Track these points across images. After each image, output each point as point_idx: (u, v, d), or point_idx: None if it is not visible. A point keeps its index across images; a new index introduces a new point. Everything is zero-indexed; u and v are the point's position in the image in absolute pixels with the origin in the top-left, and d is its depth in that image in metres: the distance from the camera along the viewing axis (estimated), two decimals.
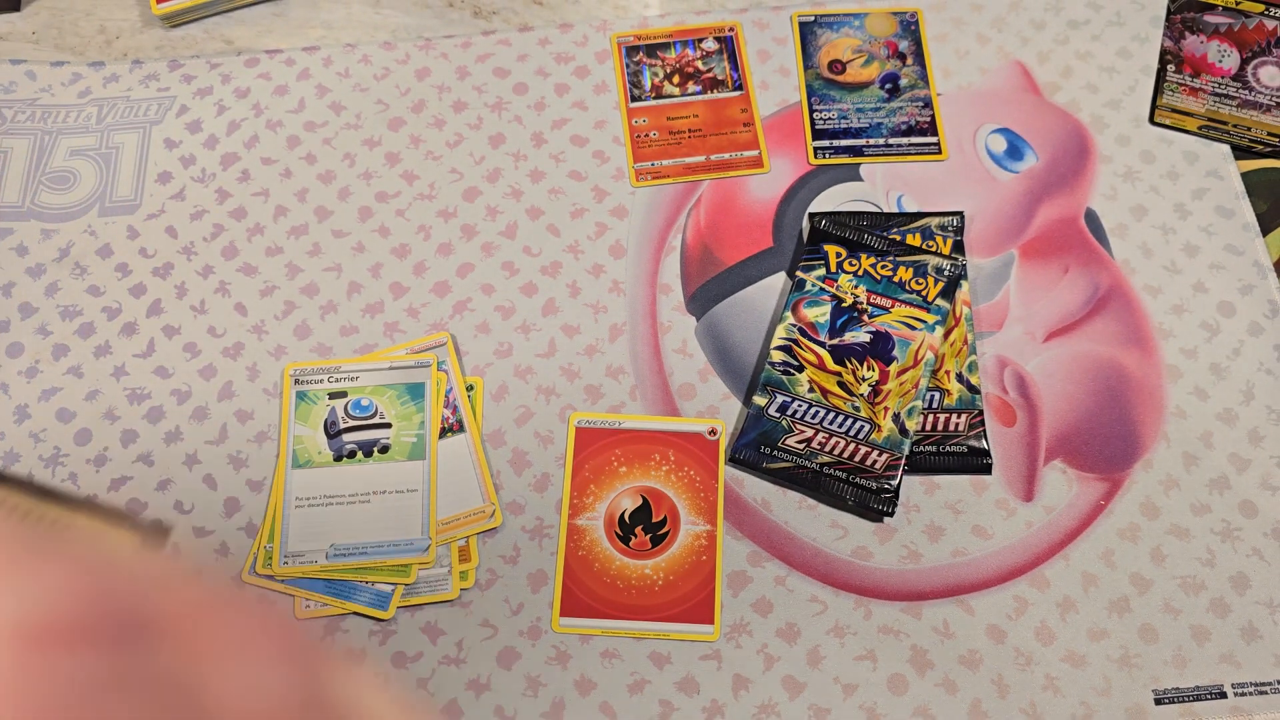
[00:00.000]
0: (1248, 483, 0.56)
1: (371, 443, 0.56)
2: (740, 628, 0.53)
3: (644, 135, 0.65)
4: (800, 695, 0.52)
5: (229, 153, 0.65)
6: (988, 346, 0.59)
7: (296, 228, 0.63)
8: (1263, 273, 0.61)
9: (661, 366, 0.59)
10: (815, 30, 0.68)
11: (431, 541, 0.54)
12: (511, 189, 0.64)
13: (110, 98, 0.67)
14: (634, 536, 0.55)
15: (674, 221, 0.63)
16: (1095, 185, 0.63)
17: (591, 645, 0.53)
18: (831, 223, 0.60)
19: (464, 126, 0.66)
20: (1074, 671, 0.52)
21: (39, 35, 0.69)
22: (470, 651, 0.53)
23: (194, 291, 0.61)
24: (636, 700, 0.52)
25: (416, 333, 0.60)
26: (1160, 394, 0.58)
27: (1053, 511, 0.55)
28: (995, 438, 0.57)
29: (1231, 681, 0.52)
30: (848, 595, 0.54)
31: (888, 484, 0.54)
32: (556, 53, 0.68)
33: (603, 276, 0.61)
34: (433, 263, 0.62)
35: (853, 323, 0.57)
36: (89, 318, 0.61)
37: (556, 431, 0.57)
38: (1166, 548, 0.54)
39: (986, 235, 0.62)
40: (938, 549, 0.55)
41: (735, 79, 0.67)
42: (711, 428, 0.57)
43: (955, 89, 0.66)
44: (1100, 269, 0.61)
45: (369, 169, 0.64)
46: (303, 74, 0.67)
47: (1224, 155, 0.64)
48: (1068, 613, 0.53)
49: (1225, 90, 0.65)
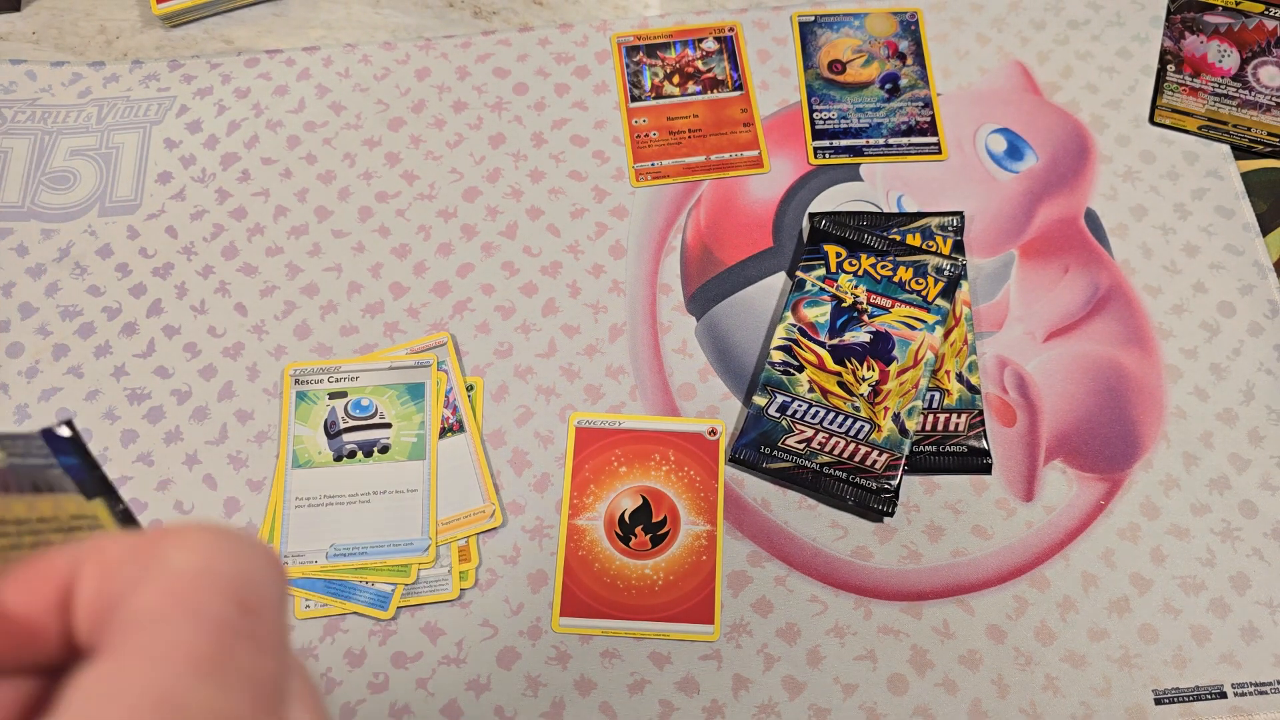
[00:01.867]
0: (1248, 483, 0.56)
1: (371, 443, 0.56)
2: (740, 628, 0.53)
3: (644, 135, 0.65)
4: (800, 695, 0.52)
5: (229, 153, 0.65)
6: (988, 346, 0.59)
7: (297, 228, 0.63)
8: (1263, 273, 0.61)
9: (661, 366, 0.59)
10: (815, 30, 0.68)
11: (432, 541, 0.54)
12: (511, 189, 0.64)
13: (110, 98, 0.67)
14: (634, 536, 0.55)
15: (674, 221, 0.63)
16: (1095, 185, 0.63)
17: (591, 645, 0.53)
18: (831, 223, 0.60)
19: (464, 126, 0.66)
20: (1074, 671, 0.52)
21: (39, 35, 0.69)
22: (470, 651, 0.53)
23: (194, 291, 0.61)
24: (636, 700, 0.52)
25: (416, 333, 0.60)
26: (1160, 394, 0.58)
27: (1053, 511, 0.55)
28: (995, 438, 0.57)
29: (1231, 681, 0.52)
30: (848, 595, 0.54)
31: (888, 484, 0.54)
32: (556, 53, 0.68)
33: (603, 276, 0.61)
34: (433, 263, 0.62)
35: (853, 323, 0.57)
36: (89, 318, 0.61)
37: (556, 431, 0.58)
38: (1166, 548, 0.54)
39: (986, 235, 0.62)
40: (938, 549, 0.55)
41: (735, 79, 0.67)
42: (711, 428, 0.57)
43: (955, 89, 0.66)
44: (1100, 269, 0.61)
45: (369, 169, 0.64)
46: (303, 74, 0.67)
47: (1224, 155, 0.64)
48: (1068, 613, 0.53)
49: (1225, 90, 0.65)
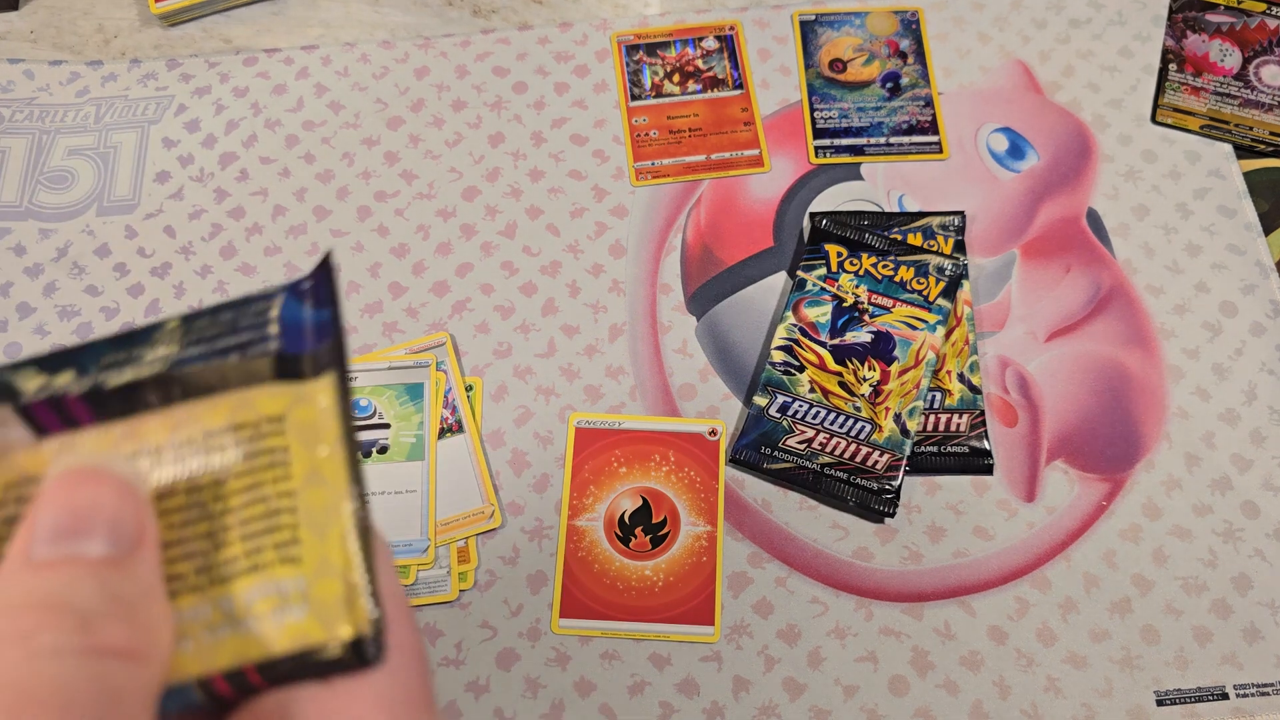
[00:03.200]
0: (1250, 483, 0.56)
1: (370, 443, 0.56)
2: (741, 629, 0.53)
3: (644, 134, 0.65)
4: (801, 697, 0.51)
5: (227, 152, 0.65)
6: (989, 346, 0.59)
7: (295, 227, 0.63)
8: (1265, 272, 0.61)
9: (661, 366, 0.59)
10: (816, 29, 0.68)
11: (430, 542, 0.54)
12: (511, 188, 0.64)
13: (108, 97, 0.66)
14: (634, 537, 0.55)
15: (674, 221, 0.63)
16: (1097, 184, 0.63)
17: (591, 647, 0.53)
18: (832, 222, 0.60)
19: (463, 125, 0.65)
20: (1075, 672, 0.52)
21: (37, 34, 0.69)
22: (469, 653, 0.53)
23: (192, 291, 0.61)
24: (636, 702, 0.51)
25: (415, 333, 0.60)
26: (1162, 394, 0.58)
27: (1054, 512, 0.55)
28: (997, 438, 0.57)
29: (1233, 683, 0.51)
30: (849, 596, 0.54)
31: (889, 484, 0.54)
32: (556, 51, 0.68)
33: (603, 276, 0.61)
34: (432, 262, 0.62)
35: (854, 323, 0.57)
36: (87, 318, 0.60)
37: (556, 432, 0.57)
38: (1168, 548, 0.54)
39: (988, 235, 0.62)
40: (939, 550, 0.54)
41: (736, 78, 0.66)
42: (712, 428, 0.57)
43: (956, 88, 0.66)
44: (1102, 269, 0.61)
45: (368, 168, 0.64)
46: (301, 73, 0.67)
47: (1226, 154, 0.64)
48: (1069, 613, 0.53)
49: (1227, 89, 0.65)
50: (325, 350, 0.21)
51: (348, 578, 0.20)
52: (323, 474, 0.20)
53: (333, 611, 0.19)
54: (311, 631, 0.19)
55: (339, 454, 0.20)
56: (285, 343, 0.20)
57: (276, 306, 0.21)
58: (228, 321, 0.21)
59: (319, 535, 0.20)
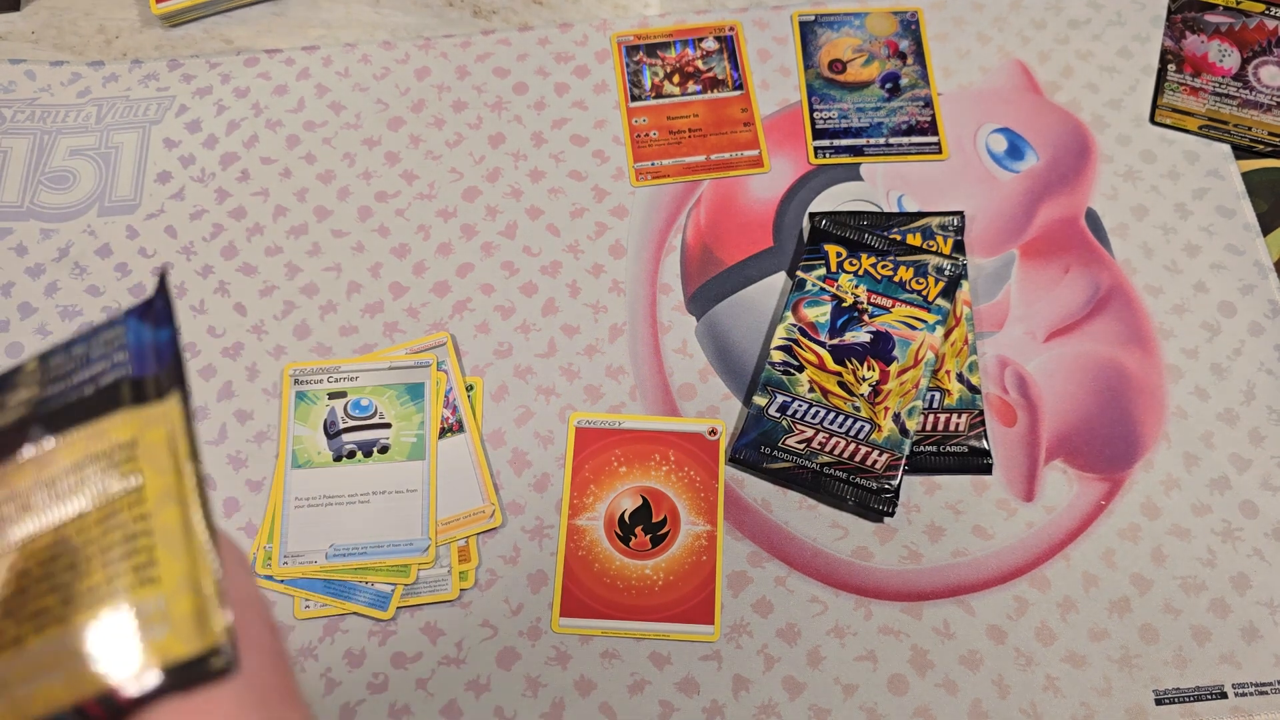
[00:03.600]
0: (1248, 483, 0.56)
1: (371, 443, 0.56)
2: (740, 628, 0.53)
3: (644, 135, 0.65)
4: (800, 696, 0.52)
5: (228, 152, 0.65)
6: (988, 346, 0.59)
7: (296, 227, 0.63)
8: (1263, 272, 0.61)
9: (661, 366, 0.59)
10: (815, 29, 0.68)
11: (431, 541, 0.54)
12: (511, 189, 0.64)
13: (110, 97, 0.66)
14: (634, 537, 0.55)
15: (674, 221, 0.63)
16: (1096, 185, 0.63)
17: (591, 646, 0.53)
18: (832, 222, 0.60)
19: (464, 126, 0.66)
20: (1074, 672, 0.52)
21: (38, 35, 0.69)
22: (470, 652, 0.53)
23: (193, 291, 0.61)
24: (636, 701, 0.52)
25: (416, 333, 0.60)
26: (1161, 394, 0.58)
27: (1053, 511, 0.55)
28: (996, 438, 0.57)
29: (1232, 682, 0.52)
30: (848, 595, 0.54)
31: (888, 484, 0.54)
32: (556, 52, 0.68)
33: (603, 276, 0.61)
34: (432, 262, 0.62)
35: (853, 322, 0.57)
36: (88, 318, 0.61)
37: (556, 431, 0.57)
38: (1167, 548, 0.54)
39: (987, 235, 0.62)
40: (938, 549, 0.55)
41: (735, 78, 0.67)
42: (711, 428, 0.57)
43: (956, 88, 0.66)
44: (1101, 269, 0.61)
45: (368, 168, 0.64)
46: (302, 73, 0.67)
47: (1224, 155, 0.64)
48: (1068, 613, 0.53)
49: (1226, 90, 0.65)
50: (167, 372, 0.22)
51: (200, 591, 0.21)
52: (173, 493, 0.21)
53: (188, 626, 0.20)
54: (172, 648, 0.20)
55: (187, 470, 0.21)
56: (134, 367, 0.22)
57: (124, 333, 0.22)
58: (80, 355, 0.22)
59: (173, 554, 0.21)
